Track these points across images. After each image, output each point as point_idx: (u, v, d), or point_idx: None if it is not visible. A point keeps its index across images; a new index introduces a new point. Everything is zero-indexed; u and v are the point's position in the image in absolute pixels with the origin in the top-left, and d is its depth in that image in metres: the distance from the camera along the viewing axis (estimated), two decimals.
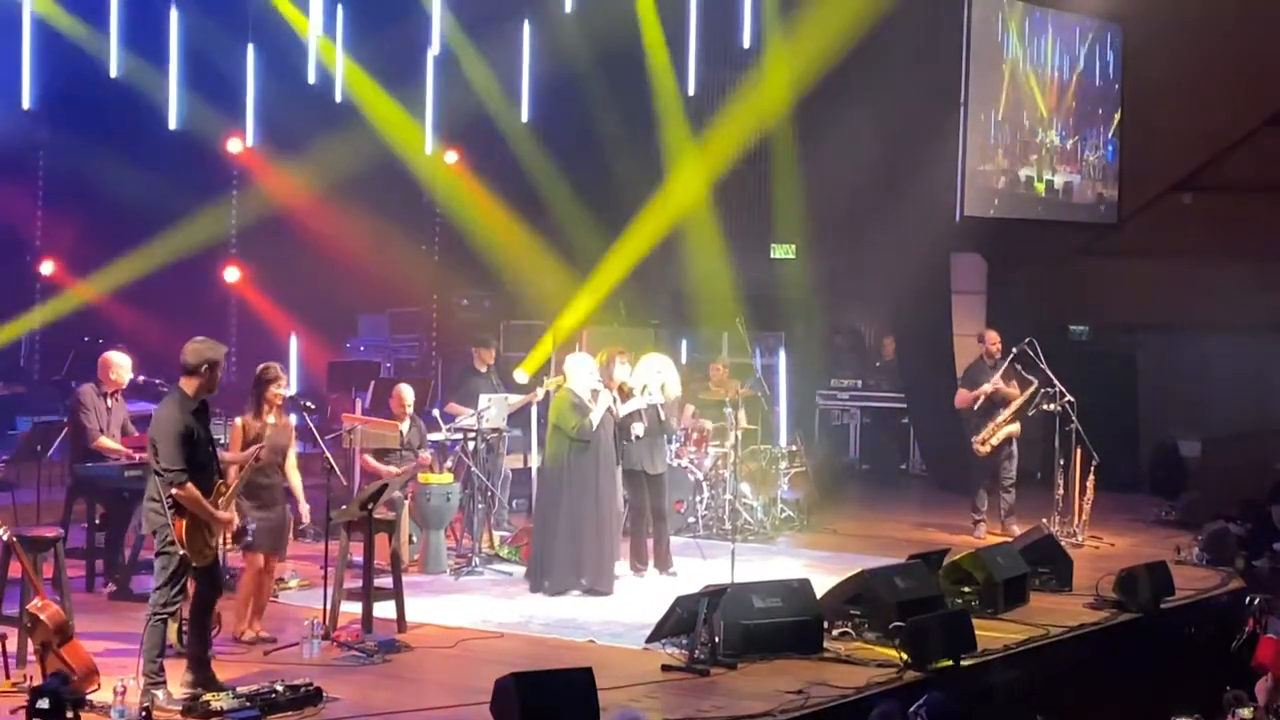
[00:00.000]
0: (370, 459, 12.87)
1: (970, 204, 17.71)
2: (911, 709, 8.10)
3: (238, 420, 10.48)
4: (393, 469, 12.66)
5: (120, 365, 12.00)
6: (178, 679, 9.14)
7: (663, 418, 13.07)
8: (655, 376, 13.11)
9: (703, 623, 10.20)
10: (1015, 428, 15.25)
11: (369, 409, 15.36)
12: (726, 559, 12.46)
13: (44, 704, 8.02)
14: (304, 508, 10.89)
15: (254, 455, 9.88)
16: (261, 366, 10.66)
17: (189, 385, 9.08)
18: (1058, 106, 19.21)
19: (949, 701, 8.13)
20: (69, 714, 8.05)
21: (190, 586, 9.15)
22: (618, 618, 11.49)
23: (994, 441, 15.15)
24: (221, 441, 10.52)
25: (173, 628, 9.84)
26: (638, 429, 12.73)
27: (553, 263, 19.19)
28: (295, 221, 18.42)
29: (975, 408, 15.35)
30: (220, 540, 9.27)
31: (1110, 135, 20.03)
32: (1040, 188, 19.01)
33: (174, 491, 8.84)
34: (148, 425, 13.62)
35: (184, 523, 8.85)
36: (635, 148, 18.90)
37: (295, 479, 10.83)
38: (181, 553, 8.89)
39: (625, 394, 12.71)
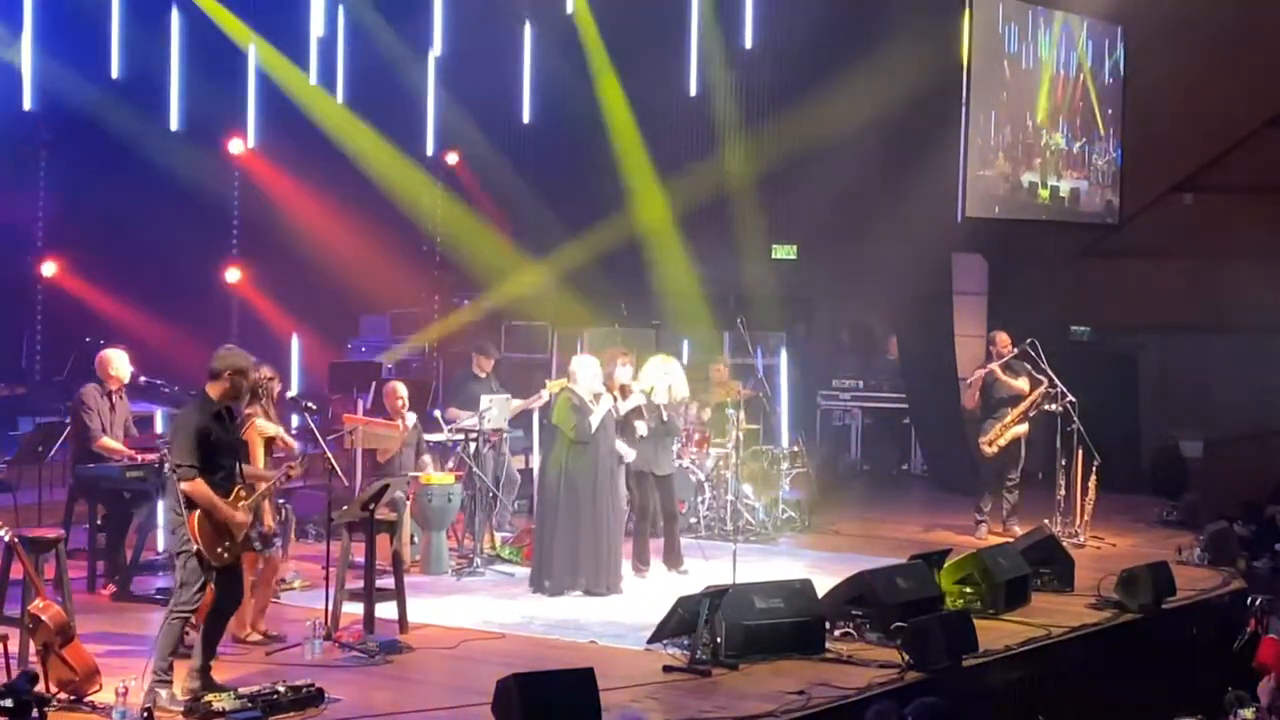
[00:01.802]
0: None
1: (972, 205, 17.70)
2: (905, 711, 8.09)
3: (258, 422, 10.43)
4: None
5: (118, 360, 12.01)
6: (180, 682, 9.14)
7: (665, 418, 13.06)
8: (662, 378, 13.12)
9: (704, 623, 10.20)
10: (1024, 429, 15.24)
11: (370, 410, 15.36)
12: (728, 559, 12.43)
13: (7, 703, 7.98)
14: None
15: (285, 473, 9.90)
16: (259, 367, 10.65)
17: (213, 389, 9.14)
18: (1063, 107, 19.14)
19: (940, 706, 8.10)
20: (34, 714, 8.00)
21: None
22: (619, 618, 11.49)
23: (1001, 443, 15.13)
24: None
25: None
26: (640, 428, 12.71)
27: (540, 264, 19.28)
28: (296, 222, 18.42)
29: (980, 404, 15.36)
30: (239, 544, 9.23)
31: (1119, 139, 19.94)
32: (1045, 194, 18.91)
33: (182, 486, 8.90)
34: (149, 426, 13.71)
35: (196, 517, 8.89)
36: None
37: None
38: (197, 548, 8.90)
39: (626, 396, 12.71)
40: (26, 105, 17.33)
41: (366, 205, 18.81)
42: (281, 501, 11.63)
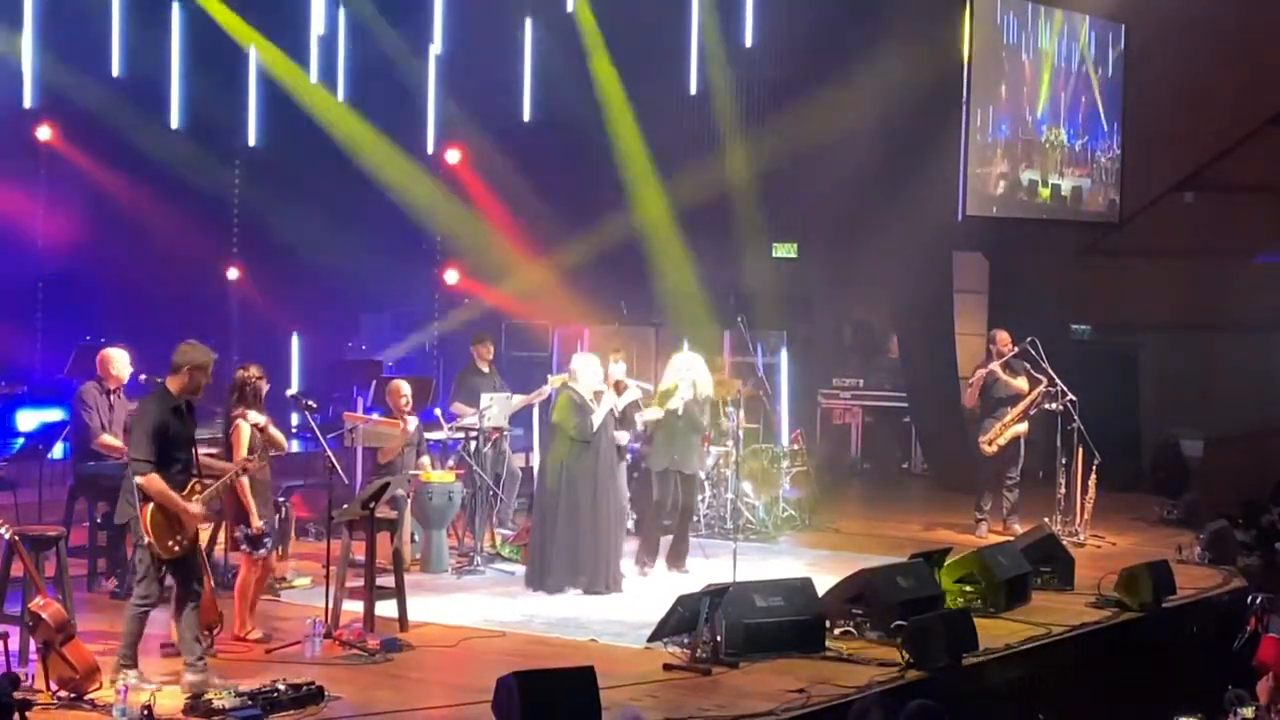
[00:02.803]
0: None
1: (972, 204, 17.68)
2: (900, 715, 8.06)
3: (242, 423, 10.42)
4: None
5: (119, 360, 12.00)
6: (179, 677, 9.21)
7: (680, 413, 12.99)
8: (685, 374, 13.09)
9: (704, 622, 10.20)
10: (1023, 428, 15.24)
11: (370, 408, 15.36)
12: (728, 558, 12.45)
13: None
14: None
15: (241, 466, 9.93)
16: (248, 366, 10.68)
17: (173, 384, 9.31)
18: (1065, 101, 19.05)
19: (933, 708, 8.06)
20: (15, 716, 8.00)
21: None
22: (619, 617, 11.49)
23: (1001, 442, 15.13)
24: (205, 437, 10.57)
25: (174, 626, 9.89)
26: (643, 417, 12.66)
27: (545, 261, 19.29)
28: (296, 220, 18.42)
29: (980, 403, 15.36)
30: (191, 538, 9.30)
31: (1120, 136, 19.87)
32: (1046, 193, 18.86)
33: (137, 480, 9.06)
34: None
35: (148, 510, 9.05)
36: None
37: None
38: (148, 541, 9.05)
39: (620, 391, 12.71)
40: (27, 103, 17.34)
41: (366, 203, 18.81)
42: (281, 500, 11.63)
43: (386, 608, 10.94)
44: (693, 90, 19.35)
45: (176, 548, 9.16)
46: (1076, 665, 11.41)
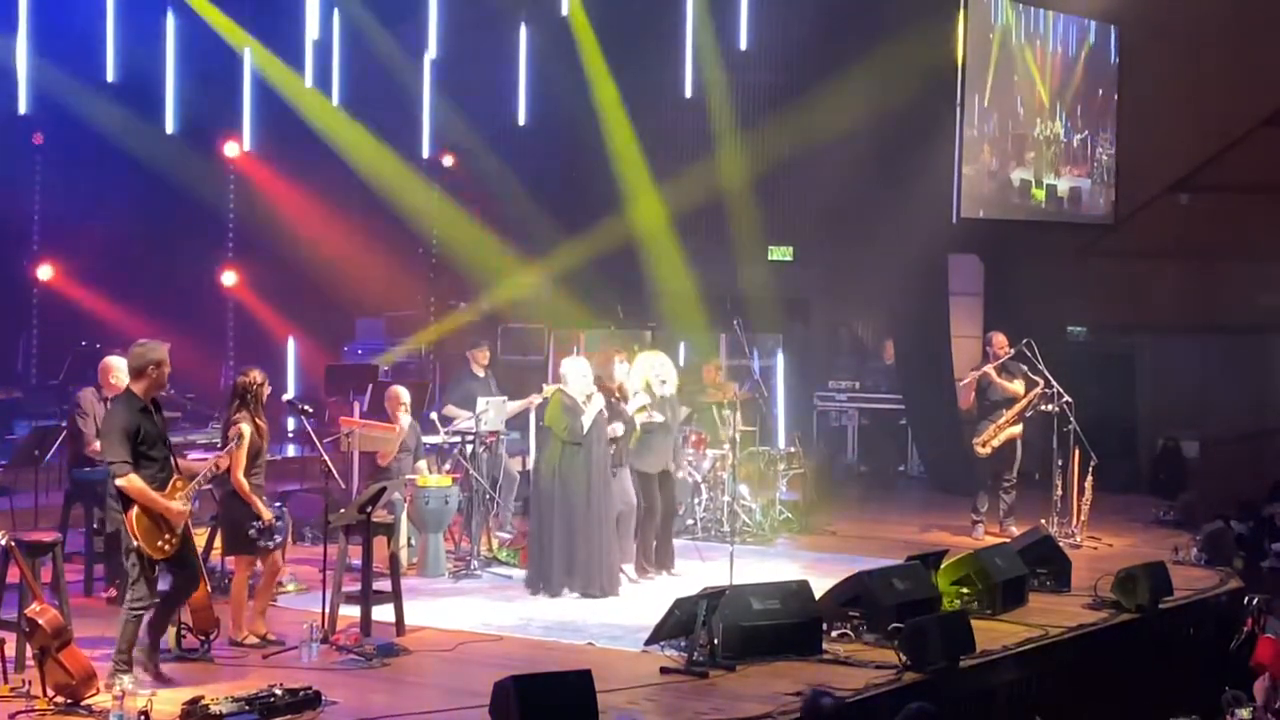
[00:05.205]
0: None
1: (967, 206, 17.67)
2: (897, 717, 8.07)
3: (245, 429, 10.39)
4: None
5: (120, 369, 11.95)
6: (178, 682, 9.24)
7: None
8: (645, 375, 13.07)
9: (701, 625, 10.20)
10: (1018, 430, 15.23)
11: (366, 412, 15.36)
12: (725, 561, 12.46)
13: None
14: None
15: (215, 463, 9.92)
16: (249, 371, 10.66)
17: (137, 386, 9.37)
18: (1061, 92, 18.98)
19: (930, 711, 8.06)
20: None
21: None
22: (616, 620, 11.49)
23: (995, 444, 15.13)
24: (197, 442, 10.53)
25: (171, 632, 9.88)
26: (640, 420, 12.65)
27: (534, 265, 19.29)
28: (291, 225, 18.44)
29: (976, 406, 15.35)
30: (180, 536, 9.31)
31: (1115, 137, 19.84)
32: (1040, 194, 18.82)
33: (117, 482, 9.13)
34: None
35: (133, 513, 9.11)
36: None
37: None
38: (136, 544, 9.10)
39: (624, 395, 12.70)
40: (22, 109, 17.35)
41: (362, 207, 18.83)
42: (279, 505, 11.62)
43: (383, 612, 10.94)
44: (688, 93, 19.36)
45: (166, 547, 9.23)
46: (1073, 667, 11.41)
